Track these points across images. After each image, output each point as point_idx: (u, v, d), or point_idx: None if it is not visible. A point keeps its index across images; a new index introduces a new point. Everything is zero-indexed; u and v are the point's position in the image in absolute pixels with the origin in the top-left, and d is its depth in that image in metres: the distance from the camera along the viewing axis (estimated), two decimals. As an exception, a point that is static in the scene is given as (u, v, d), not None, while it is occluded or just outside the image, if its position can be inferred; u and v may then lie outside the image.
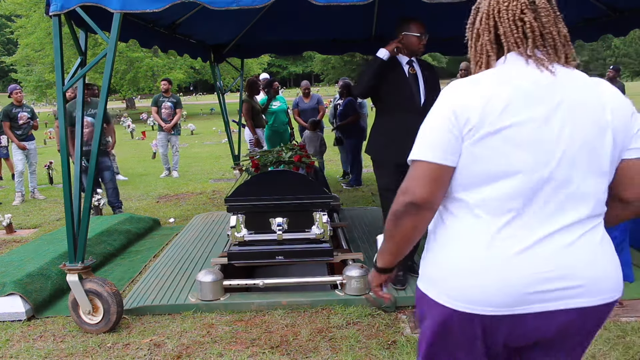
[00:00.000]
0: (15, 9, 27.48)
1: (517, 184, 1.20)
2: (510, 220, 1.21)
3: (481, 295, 1.21)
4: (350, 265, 3.50)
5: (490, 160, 1.20)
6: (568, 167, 1.20)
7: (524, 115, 1.18)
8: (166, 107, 8.88)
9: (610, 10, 4.71)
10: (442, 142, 1.22)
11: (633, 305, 3.22)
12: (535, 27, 1.25)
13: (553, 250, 1.21)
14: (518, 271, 1.20)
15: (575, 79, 1.25)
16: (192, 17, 4.89)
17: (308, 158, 4.25)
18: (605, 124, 1.22)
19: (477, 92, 1.21)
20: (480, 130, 1.19)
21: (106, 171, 6.16)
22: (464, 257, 1.24)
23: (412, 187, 1.23)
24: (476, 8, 1.35)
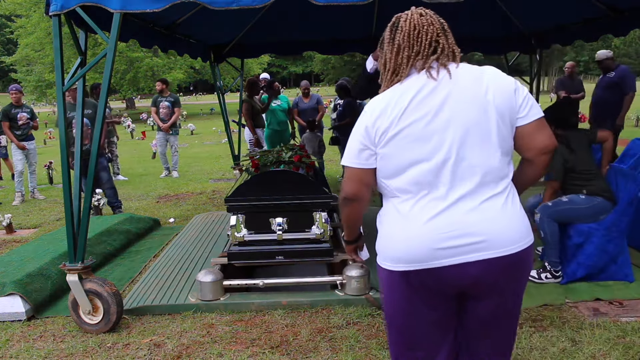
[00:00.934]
0: (15, 9, 27.48)
1: (423, 169, 1.54)
2: (422, 196, 1.55)
3: (406, 256, 1.56)
4: (350, 265, 3.50)
5: (398, 155, 1.56)
6: (459, 147, 1.52)
7: (416, 115, 1.53)
8: (164, 107, 8.87)
9: (610, 10, 4.72)
10: (361, 151, 1.62)
11: (633, 305, 3.22)
12: (445, 46, 1.59)
13: (457, 215, 1.52)
14: (428, 234, 1.53)
15: (464, 73, 1.57)
16: (192, 17, 4.89)
17: (308, 158, 4.25)
18: (487, 104, 1.53)
19: (385, 107, 1.56)
20: (387, 134, 1.55)
21: (103, 172, 6.16)
22: (392, 229, 1.62)
23: (344, 186, 1.68)
24: (394, 26, 1.64)
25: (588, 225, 3.59)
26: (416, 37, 1.59)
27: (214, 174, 9.48)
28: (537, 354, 2.71)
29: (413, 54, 1.59)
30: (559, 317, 3.10)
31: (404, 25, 1.61)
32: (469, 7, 3.39)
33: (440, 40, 1.59)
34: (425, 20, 1.60)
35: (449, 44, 1.60)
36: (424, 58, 1.58)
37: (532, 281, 3.59)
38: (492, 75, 1.58)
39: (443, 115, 1.52)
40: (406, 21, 1.61)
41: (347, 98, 7.39)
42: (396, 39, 1.61)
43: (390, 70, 1.63)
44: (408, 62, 1.59)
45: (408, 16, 1.62)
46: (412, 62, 1.59)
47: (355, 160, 1.63)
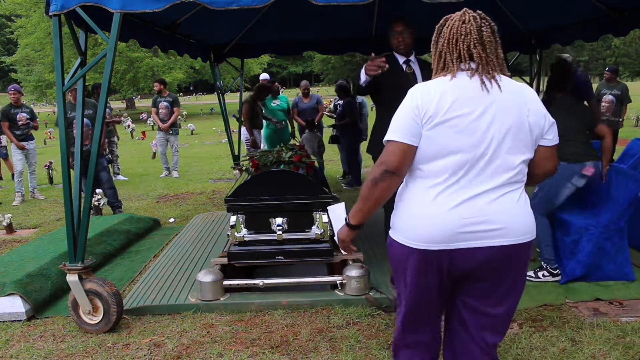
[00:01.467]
0: (15, 9, 27.47)
1: (459, 159, 1.69)
2: (453, 183, 1.70)
3: (427, 236, 1.72)
4: (350, 265, 3.50)
5: (441, 142, 1.69)
6: (495, 147, 1.70)
7: (464, 111, 1.68)
8: (163, 107, 8.87)
9: (610, 10, 4.71)
10: (409, 128, 1.72)
11: (633, 305, 3.22)
12: (483, 56, 1.74)
13: (479, 204, 1.70)
14: (452, 218, 1.69)
15: (507, 85, 1.75)
16: (192, 17, 4.89)
17: (308, 158, 4.25)
18: (525, 119, 1.73)
19: (434, 93, 1.71)
20: (434, 119, 1.68)
21: (102, 172, 6.16)
22: (418, 209, 1.75)
23: (388, 159, 1.73)
24: (439, 30, 1.81)
25: (585, 222, 3.60)
26: (455, 45, 1.75)
27: (214, 174, 9.48)
28: (537, 354, 2.71)
29: (454, 58, 1.76)
30: (559, 317, 3.10)
31: (445, 32, 1.78)
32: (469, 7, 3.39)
33: (475, 50, 1.74)
34: (464, 29, 1.74)
35: (486, 54, 1.75)
36: (465, 62, 1.75)
37: (530, 280, 3.59)
38: (530, 95, 1.78)
39: (487, 117, 1.69)
40: (447, 27, 1.78)
41: (346, 98, 7.40)
42: (439, 43, 1.80)
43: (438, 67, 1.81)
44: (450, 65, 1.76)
45: (451, 22, 1.78)
46: (454, 66, 1.75)
47: (404, 135, 1.72)
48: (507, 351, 2.74)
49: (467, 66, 1.74)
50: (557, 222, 3.83)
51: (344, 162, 8.02)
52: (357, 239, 4.78)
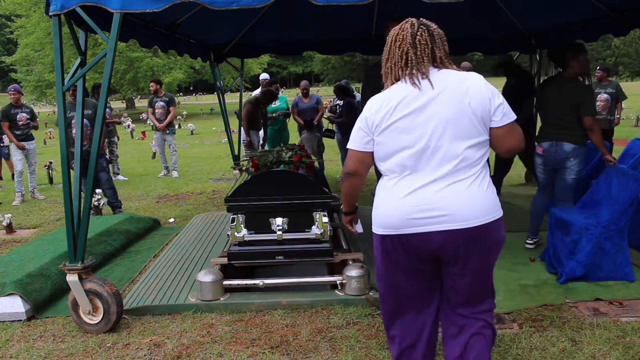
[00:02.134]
0: (15, 9, 27.45)
1: (406, 155, 1.92)
2: (404, 176, 1.95)
3: (387, 223, 1.98)
4: (350, 265, 3.50)
5: (389, 143, 1.96)
6: (437, 139, 1.89)
7: (403, 113, 1.92)
8: (159, 107, 8.89)
9: (610, 10, 4.71)
10: (359, 138, 2.05)
11: (633, 305, 3.22)
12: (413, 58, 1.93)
13: (427, 193, 1.90)
14: (403, 206, 1.93)
15: (446, 78, 1.92)
16: (192, 17, 4.89)
17: (308, 158, 4.25)
18: (464, 106, 1.88)
19: (378, 104, 1.97)
20: (381, 126, 1.96)
21: (102, 172, 6.16)
22: (380, 201, 2.03)
23: (347, 163, 2.10)
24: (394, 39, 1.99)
25: (585, 222, 3.60)
26: (394, 51, 1.98)
27: (214, 174, 9.48)
28: (537, 354, 2.71)
29: (392, 65, 1.98)
30: (559, 317, 3.10)
31: (388, 40, 2.00)
32: (469, 7, 3.40)
33: (409, 54, 1.93)
34: (400, 36, 1.96)
35: (417, 55, 1.93)
36: (402, 68, 1.95)
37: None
38: (473, 81, 1.92)
39: (426, 113, 1.89)
40: (390, 36, 1.99)
41: (346, 98, 7.39)
42: (384, 51, 2.03)
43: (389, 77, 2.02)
44: (391, 71, 1.99)
45: (393, 31, 1.99)
46: (394, 71, 1.97)
47: (357, 144, 2.05)
48: (507, 351, 2.74)
49: (401, 73, 1.96)
50: (557, 222, 3.83)
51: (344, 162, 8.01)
52: (357, 239, 4.79)
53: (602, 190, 3.83)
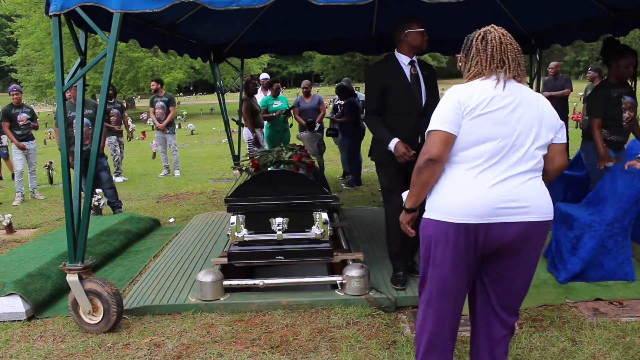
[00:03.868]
0: (15, 9, 27.46)
1: (495, 146, 1.97)
2: (488, 167, 1.98)
3: (468, 211, 1.96)
4: (350, 265, 3.50)
5: (479, 131, 1.97)
6: (522, 138, 1.99)
7: (499, 105, 1.98)
8: (159, 107, 8.89)
9: (610, 10, 4.71)
10: (451, 118, 1.98)
11: (633, 305, 3.22)
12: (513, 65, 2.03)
13: (513, 184, 1.98)
14: (491, 195, 1.96)
15: (525, 90, 2.06)
16: (192, 17, 4.89)
17: (308, 158, 4.25)
18: (542, 118, 2.04)
19: (470, 91, 2.00)
20: (474, 112, 1.97)
21: (103, 172, 6.16)
22: (459, 189, 1.99)
23: (430, 148, 1.98)
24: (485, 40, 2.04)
25: (590, 219, 3.63)
26: (502, 52, 2.01)
27: (214, 174, 9.48)
28: (537, 354, 2.71)
29: (488, 66, 2.02)
30: (559, 317, 3.10)
31: (494, 40, 2.02)
32: (469, 7, 3.39)
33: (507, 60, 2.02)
34: (507, 39, 2.03)
35: (517, 63, 2.04)
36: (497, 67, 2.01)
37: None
38: (544, 102, 2.09)
39: (517, 112, 1.99)
40: (495, 38, 2.02)
41: (348, 98, 7.39)
42: (487, 49, 2.02)
43: (475, 72, 2.05)
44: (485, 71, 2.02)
45: (494, 34, 2.03)
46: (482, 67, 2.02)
47: (447, 125, 1.97)
48: (507, 351, 2.74)
49: (498, 72, 2.01)
50: (561, 217, 3.83)
51: (344, 162, 8.02)
52: (357, 239, 4.78)
53: (607, 187, 3.83)
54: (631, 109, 4.07)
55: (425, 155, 1.99)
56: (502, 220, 1.96)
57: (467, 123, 1.97)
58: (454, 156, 2.02)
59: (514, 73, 2.03)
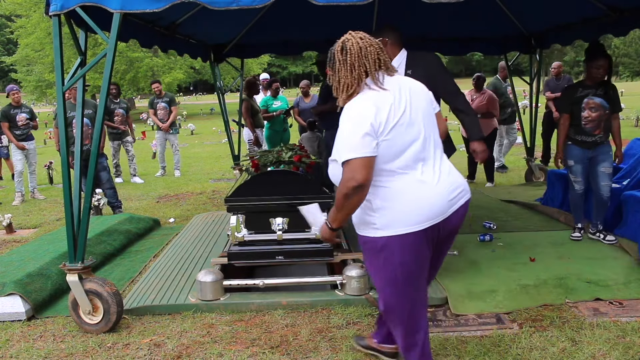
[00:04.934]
0: (15, 9, 27.44)
1: (416, 146, 2.04)
2: (422, 166, 2.05)
3: (434, 212, 2.04)
4: (350, 265, 3.50)
5: (399, 139, 2.00)
6: (426, 128, 2.09)
7: (402, 108, 2.03)
8: (161, 108, 8.90)
9: (610, 10, 4.72)
10: (365, 142, 1.94)
11: (633, 305, 3.22)
12: (385, 62, 2.08)
13: (446, 173, 2.11)
14: (442, 191, 2.06)
15: (402, 80, 2.13)
16: (192, 17, 4.89)
17: (308, 158, 4.25)
18: (425, 99, 2.16)
19: (374, 105, 1.98)
20: (390, 124, 1.98)
21: (103, 172, 6.16)
22: (413, 197, 2.02)
23: (356, 175, 1.92)
24: (343, 48, 2.06)
25: None
26: (362, 57, 2.03)
27: (214, 174, 9.48)
28: (537, 354, 2.71)
29: (360, 70, 2.03)
30: (559, 317, 3.10)
31: (353, 49, 2.03)
32: (469, 7, 3.39)
33: (380, 56, 2.06)
34: (366, 42, 2.05)
35: (386, 59, 2.08)
36: (366, 74, 2.04)
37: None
38: (409, 80, 2.19)
39: (413, 106, 2.06)
40: (353, 45, 2.04)
41: None
42: (348, 60, 2.03)
43: (344, 84, 2.05)
44: (362, 77, 2.03)
45: (352, 41, 2.05)
46: (367, 76, 2.04)
47: (366, 150, 1.94)
48: (507, 351, 2.74)
49: (377, 75, 2.05)
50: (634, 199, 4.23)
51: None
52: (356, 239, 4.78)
53: None
54: (593, 110, 4.17)
55: (351, 182, 1.92)
56: (455, 208, 2.09)
57: (386, 137, 1.97)
58: (389, 170, 2.01)
59: (389, 69, 2.08)
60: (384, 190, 2.03)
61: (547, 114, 8.13)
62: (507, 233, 4.73)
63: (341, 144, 1.97)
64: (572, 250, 4.20)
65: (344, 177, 1.96)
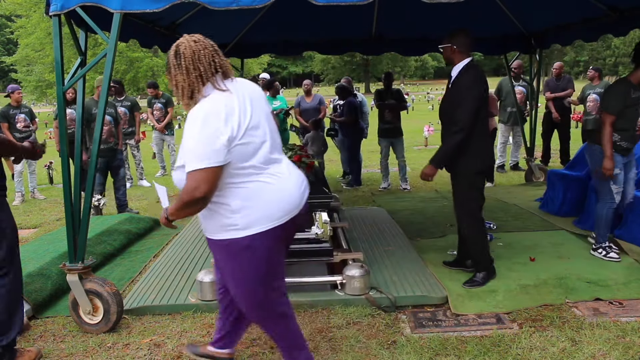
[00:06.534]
0: (15, 9, 27.48)
1: (266, 147, 2.09)
2: (274, 165, 2.12)
3: (293, 204, 2.13)
4: (350, 265, 3.50)
5: (251, 142, 2.03)
6: (269, 130, 2.14)
7: (249, 111, 2.05)
8: (157, 109, 8.91)
9: (610, 10, 4.72)
10: (220, 151, 1.92)
11: (633, 305, 3.22)
12: (224, 65, 2.09)
13: (293, 169, 2.22)
14: (295, 184, 2.17)
15: (244, 83, 2.17)
16: (192, 17, 4.90)
17: (308, 158, 4.25)
18: (265, 102, 2.21)
19: (222, 111, 1.96)
20: (242, 128, 1.99)
21: (122, 167, 6.21)
22: (272, 194, 2.08)
23: (202, 186, 1.91)
24: (177, 52, 2.04)
25: None
26: (197, 61, 2.01)
27: (214, 174, 9.47)
28: (537, 354, 2.71)
29: (200, 74, 2.01)
30: (559, 317, 3.10)
31: (186, 52, 2.02)
32: (469, 7, 3.39)
33: (215, 59, 2.05)
34: (200, 45, 2.04)
35: (224, 61, 2.09)
36: (213, 74, 2.03)
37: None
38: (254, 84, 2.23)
39: (256, 109, 2.09)
40: (186, 49, 2.02)
41: (347, 98, 7.39)
42: (182, 64, 2.01)
43: (182, 89, 2.03)
44: (199, 80, 2.01)
45: (185, 45, 2.04)
46: (204, 79, 2.01)
47: (214, 160, 1.91)
48: (507, 351, 2.74)
49: (213, 79, 2.04)
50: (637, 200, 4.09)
51: (344, 162, 8.02)
52: (357, 239, 4.77)
53: None
54: None
55: (196, 193, 1.91)
56: (304, 199, 2.22)
57: (242, 140, 1.98)
58: (245, 171, 2.02)
59: (229, 72, 2.09)
60: (243, 190, 2.04)
61: (547, 114, 8.14)
62: (507, 233, 4.73)
63: (189, 151, 1.93)
64: (572, 250, 4.20)
65: (188, 185, 1.93)
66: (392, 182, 7.41)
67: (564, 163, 7.69)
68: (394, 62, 51.66)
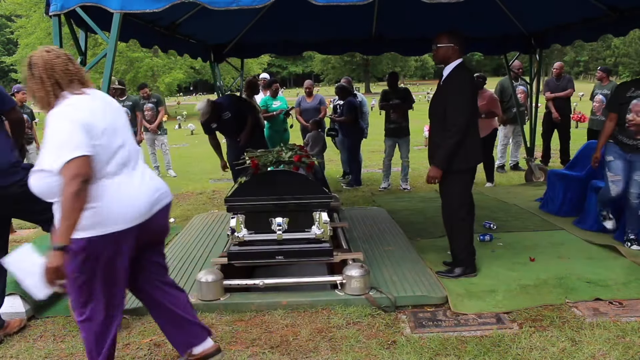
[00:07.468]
0: (15, 9, 27.46)
1: (122, 153, 2.22)
2: (128, 170, 2.24)
3: (135, 213, 2.20)
4: (350, 265, 3.50)
5: (109, 145, 2.16)
6: (127, 139, 2.28)
7: (108, 116, 2.20)
8: (148, 109, 8.88)
9: (610, 10, 4.72)
10: (85, 141, 2.04)
11: (633, 305, 3.22)
12: (79, 72, 2.22)
13: (148, 178, 2.32)
14: (146, 190, 2.27)
15: (100, 94, 2.31)
16: (192, 17, 4.90)
17: (308, 158, 4.25)
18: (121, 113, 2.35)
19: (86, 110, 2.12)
20: (99, 129, 2.12)
21: None
22: (117, 198, 2.16)
23: (80, 170, 2.00)
24: (30, 63, 2.16)
25: None
26: (52, 68, 2.13)
27: (214, 174, 9.47)
28: (537, 354, 2.71)
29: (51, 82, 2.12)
30: (559, 317, 3.10)
31: (38, 62, 2.13)
32: (469, 7, 3.40)
33: (69, 69, 2.16)
34: (52, 55, 2.15)
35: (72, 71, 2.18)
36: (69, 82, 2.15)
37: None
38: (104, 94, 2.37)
39: (115, 117, 2.24)
40: (38, 58, 2.14)
41: (347, 98, 7.39)
42: (35, 74, 2.13)
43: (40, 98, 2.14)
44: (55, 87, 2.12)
45: (36, 56, 2.16)
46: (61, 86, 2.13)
47: (85, 149, 2.03)
48: (507, 351, 2.74)
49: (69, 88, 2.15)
50: None
51: (344, 162, 8.02)
52: (357, 239, 4.77)
53: None
54: (639, 113, 3.89)
55: (79, 178, 1.98)
56: (157, 208, 2.29)
57: (99, 141, 2.09)
58: (99, 174, 2.11)
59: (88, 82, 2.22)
60: (103, 192, 2.13)
61: (547, 114, 8.14)
62: (507, 233, 4.73)
63: (59, 147, 2.01)
64: (572, 250, 4.20)
65: (69, 175, 1.98)
66: (393, 182, 7.41)
67: (564, 163, 7.69)
68: (394, 62, 51.64)
